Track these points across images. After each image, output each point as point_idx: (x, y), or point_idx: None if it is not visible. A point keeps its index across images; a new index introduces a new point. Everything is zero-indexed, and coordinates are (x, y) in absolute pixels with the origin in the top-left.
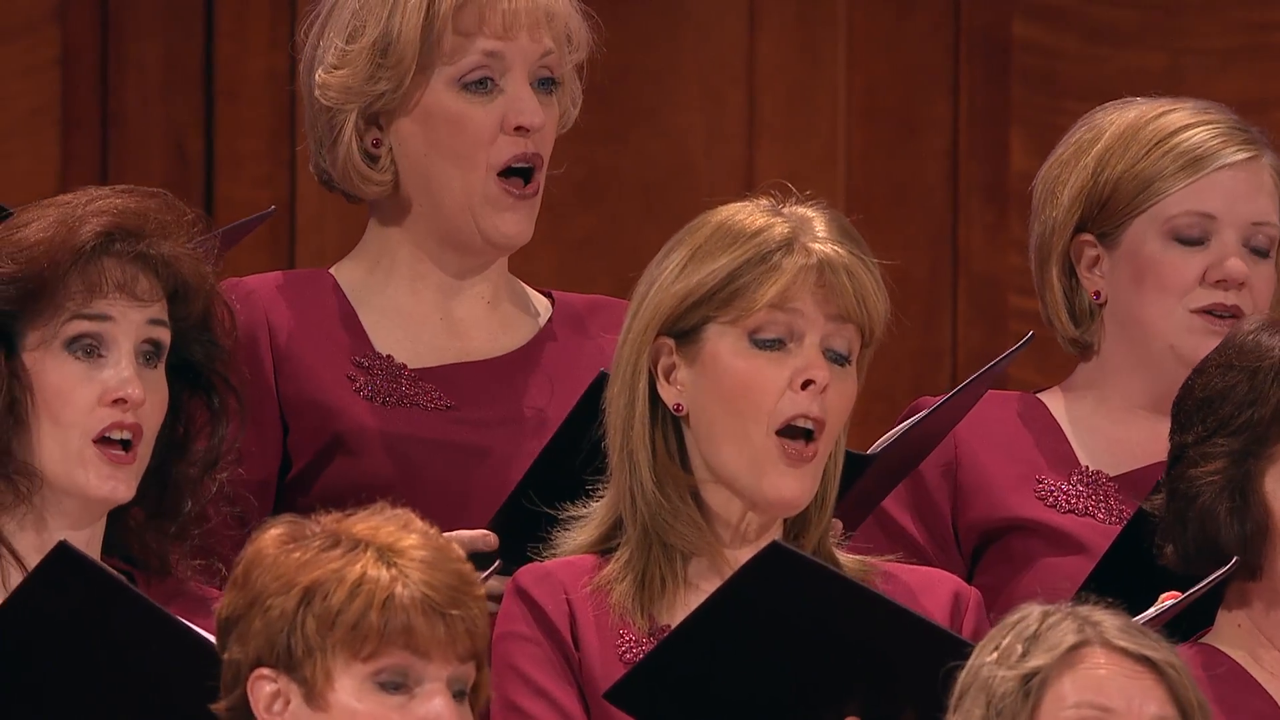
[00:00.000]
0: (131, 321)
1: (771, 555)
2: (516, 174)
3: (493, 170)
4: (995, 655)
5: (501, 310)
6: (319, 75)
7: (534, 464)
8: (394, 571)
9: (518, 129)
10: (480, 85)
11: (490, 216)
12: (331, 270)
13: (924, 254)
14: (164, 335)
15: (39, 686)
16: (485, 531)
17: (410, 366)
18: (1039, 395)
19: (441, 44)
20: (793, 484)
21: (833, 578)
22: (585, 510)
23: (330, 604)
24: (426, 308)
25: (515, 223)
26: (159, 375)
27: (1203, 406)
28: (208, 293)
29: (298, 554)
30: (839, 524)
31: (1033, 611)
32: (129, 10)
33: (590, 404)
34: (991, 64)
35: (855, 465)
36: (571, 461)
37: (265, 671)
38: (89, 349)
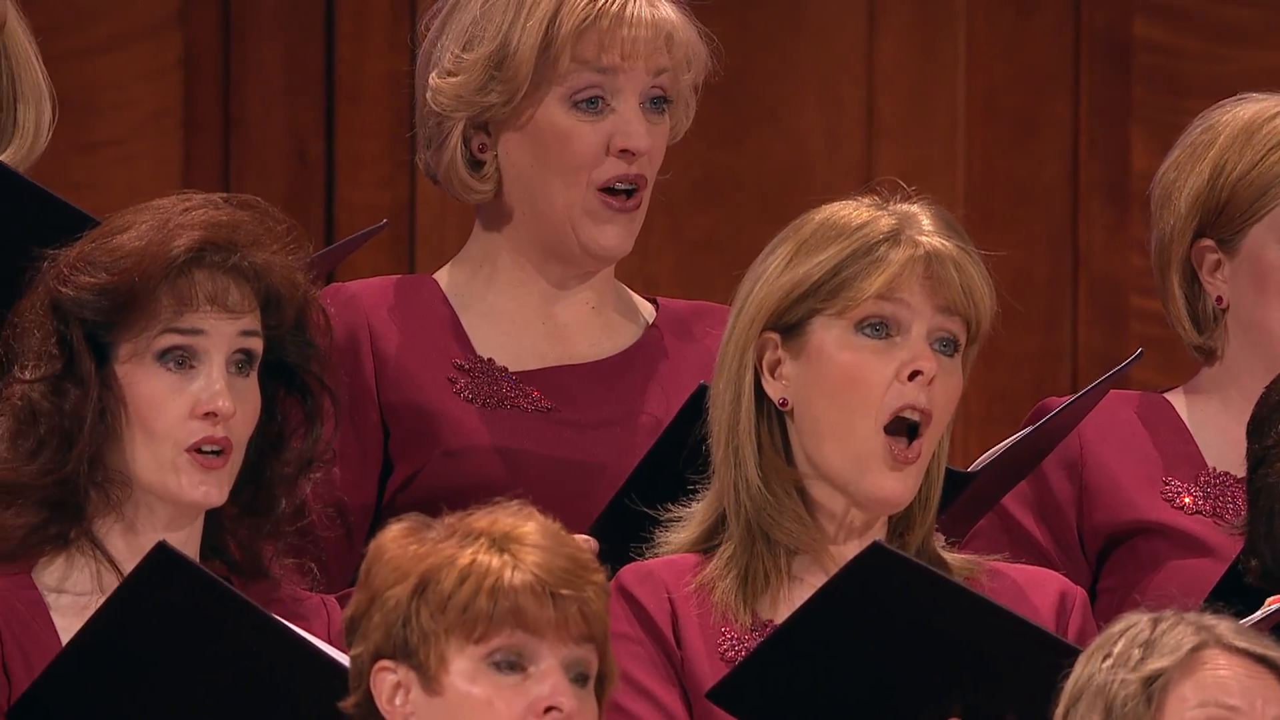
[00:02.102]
0: (223, 334)
1: (873, 556)
2: (619, 192)
3: (594, 186)
4: (1110, 661)
5: (605, 316)
6: (432, 79)
7: (633, 473)
8: (505, 557)
9: (624, 152)
10: (590, 104)
11: (590, 228)
12: (435, 275)
13: (1044, 255)
14: (256, 345)
15: (137, 686)
16: (587, 536)
17: (511, 369)
18: (1164, 395)
19: (558, 64)
20: (895, 483)
21: (934, 579)
22: (687, 510)
23: (441, 589)
24: (529, 312)
25: (615, 235)
26: (250, 384)
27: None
28: (300, 300)
29: (414, 547)
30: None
31: (1141, 618)
32: (250, 13)
33: (690, 415)
34: (1112, 63)
35: (955, 483)
36: (671, 473)
37: (386, 663)
38: (180, 360)
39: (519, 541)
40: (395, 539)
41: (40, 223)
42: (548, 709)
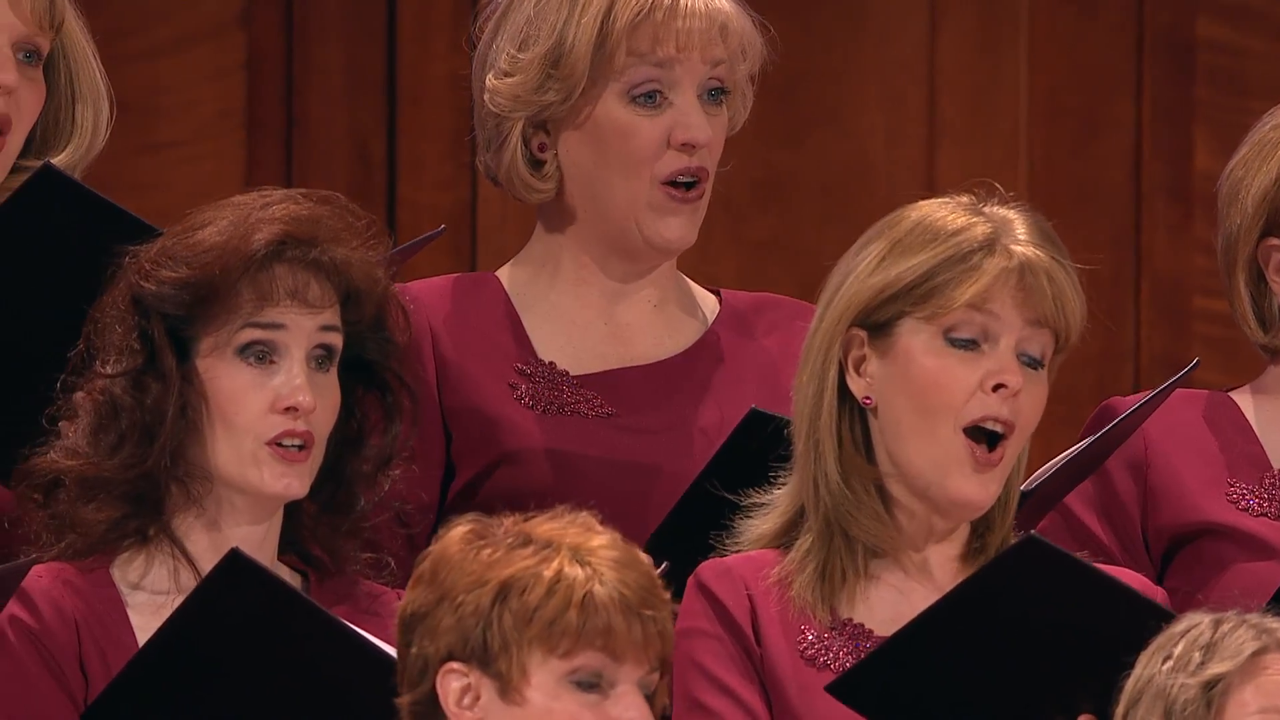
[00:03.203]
0: (303, 329)
1: (1027, 548)
2: (681, 185)
3: (656, 180)
4: (1170, 664)
5: (667, 313)
6: (489, 80)
7: (686, 495)
8: (589, 570)
9: (684, 145)
10: (649, 98)
11: (654, 222)
12: (498, 273)
13: (1106, 255)
14: (336, 340)
15: (211, 690)
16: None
17: (572, 373)
18: (1230, 395)
19: (614, 59)
20: (977, 487)
21: (1088, 572)
22: (768, 498)
23: (528, 600)
24: (591, 313)
25: (678, 227)
26: (330, 379)
27: None
28: (380, 295)
29: (488, 551)
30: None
31: (1203, 620)
32: (313, 15)
33: (741, 440)
34: (1175, 63)
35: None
36: (722, 489)
37: (456, 665)
38: (261, 355)
39: (595, 555)
40: (461, 541)
41: (102, 232)
42: None
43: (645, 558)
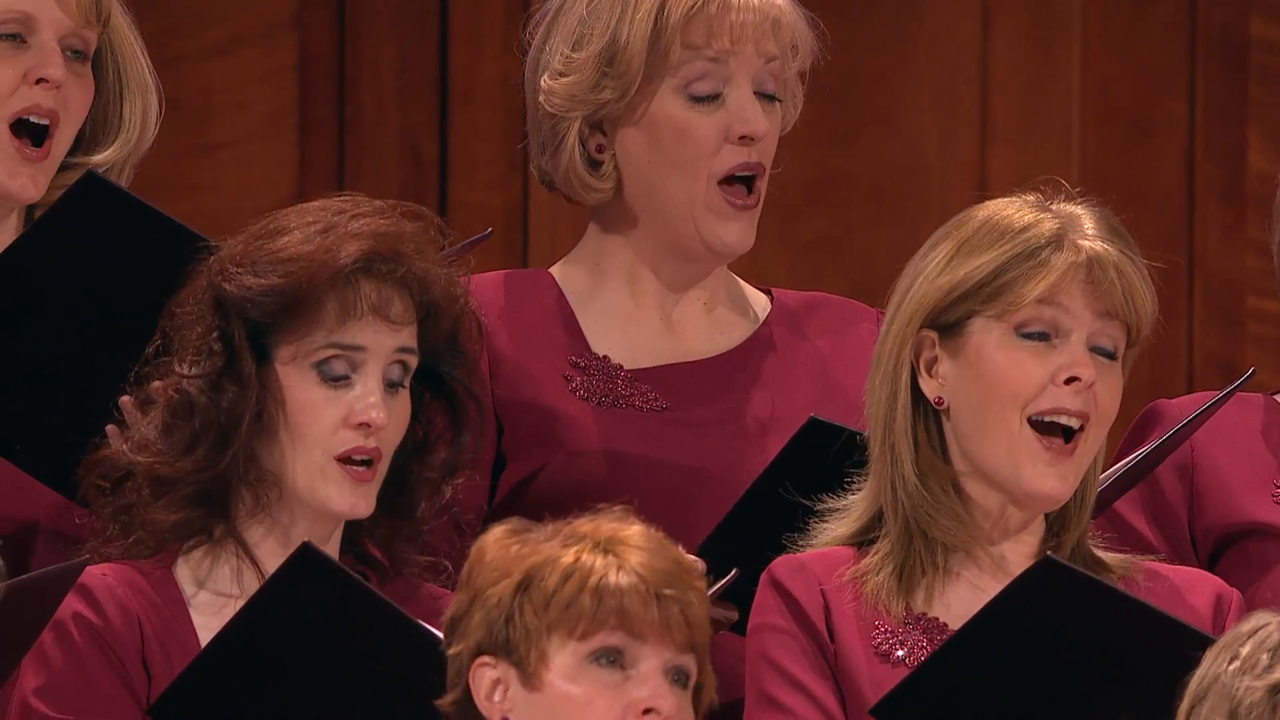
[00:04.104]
0: (383, 347)
1: (1044, 569)
2: (739, 182)
3: (715, 179)
4: (1237, 664)
5: (718, 312)
6: (544, 81)
7: (741, 501)
8: (610, 558)
9: (742, 139)
10: (710, 98)
11: (713, 225)
12: (552, 270)
13: (1159, 255)
14: (412, 360)
15: (278, 684)
16: (695, 558)
17: (626, 367)
18: (1276, 398)
19: (669, 54)
20: (1055, 480)
21: (1108, 592)
22: (844, 503)
23: (545, 587)
24: (645, 309)
25: (737, 231)
26: (403, 397)
27: None
28: (458, 311)
29: (517, 547)
30: None
31: (1271, 621)
32: (365, 16)
33: (799, 449)
34: (1229, 63)
35: None
36: (779, 500)
37: (486, 659)
38: (339, 371)
39: (623, 543)
40: (497, 541)
41: (147, 239)
42: (646, 710)
43: (678, 548)
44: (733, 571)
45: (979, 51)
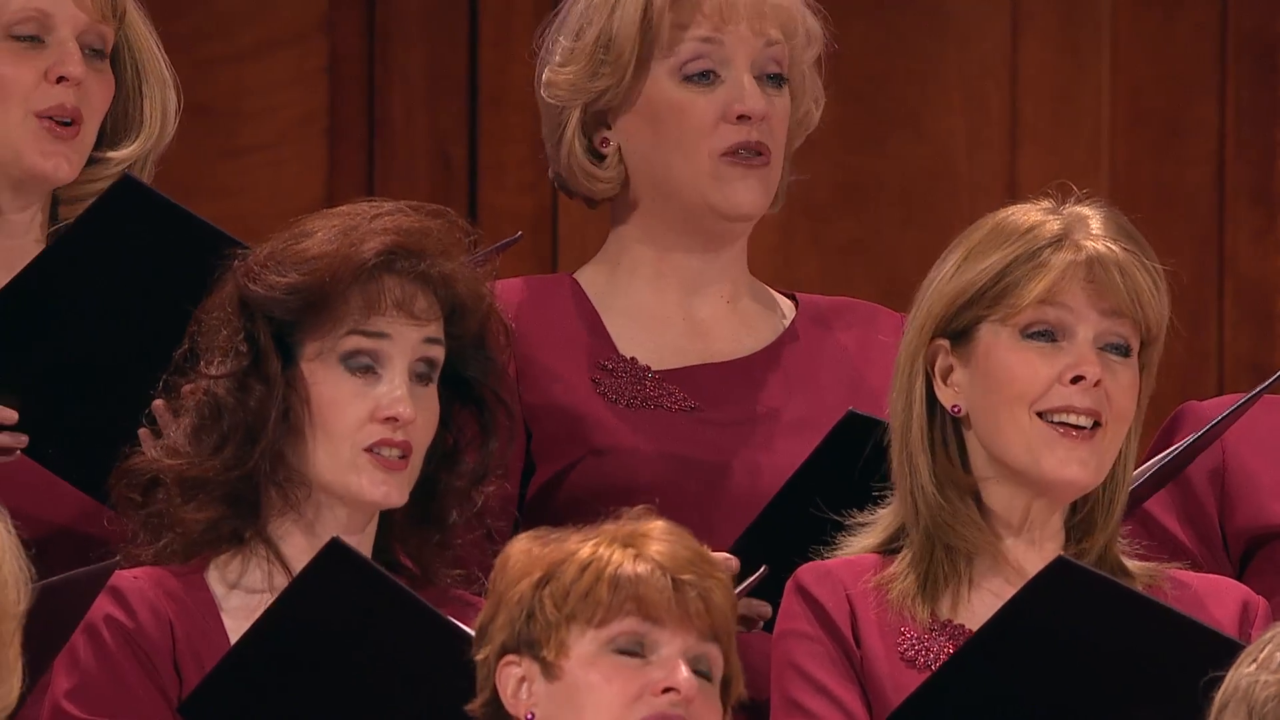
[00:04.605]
0: (408, 340)
1: (1057, 569)
2: (743, 156)
3: (714, 154)
4: (1255, 665)
5: (743, 309)
6: (546, 74)
7: (777, 496)
8: (628, 550)
9: (740, 117)
10: (703, 77)
11: (719, 190)
12: (575, 275)
13: (1189, 258)
14: (438, 354)
15: (308, 679)
16: (728, 555)
17: (654, 368)
18: None
19: (660, 37)
20: (1074, 465)
21: (1121, 592)
22: (872, 516)
23: (563, 580)
24: (669, 308)
25: (746, 191)
26: (430, 393)
27: None
28: (484, 311)
29: (539, 549)
30: None
31: None
32: (395, 19)
33: (836, 443)
34: (1259, 65)
35: None
36: (815, 496)
37: (510, 658)
38: (365, 365)
39: (644, 536)
40: (521, 548)
41: (182, 242)
42: (666, 689)
43: (697, 541)
44: (762, 568)
45: (1008, 54)
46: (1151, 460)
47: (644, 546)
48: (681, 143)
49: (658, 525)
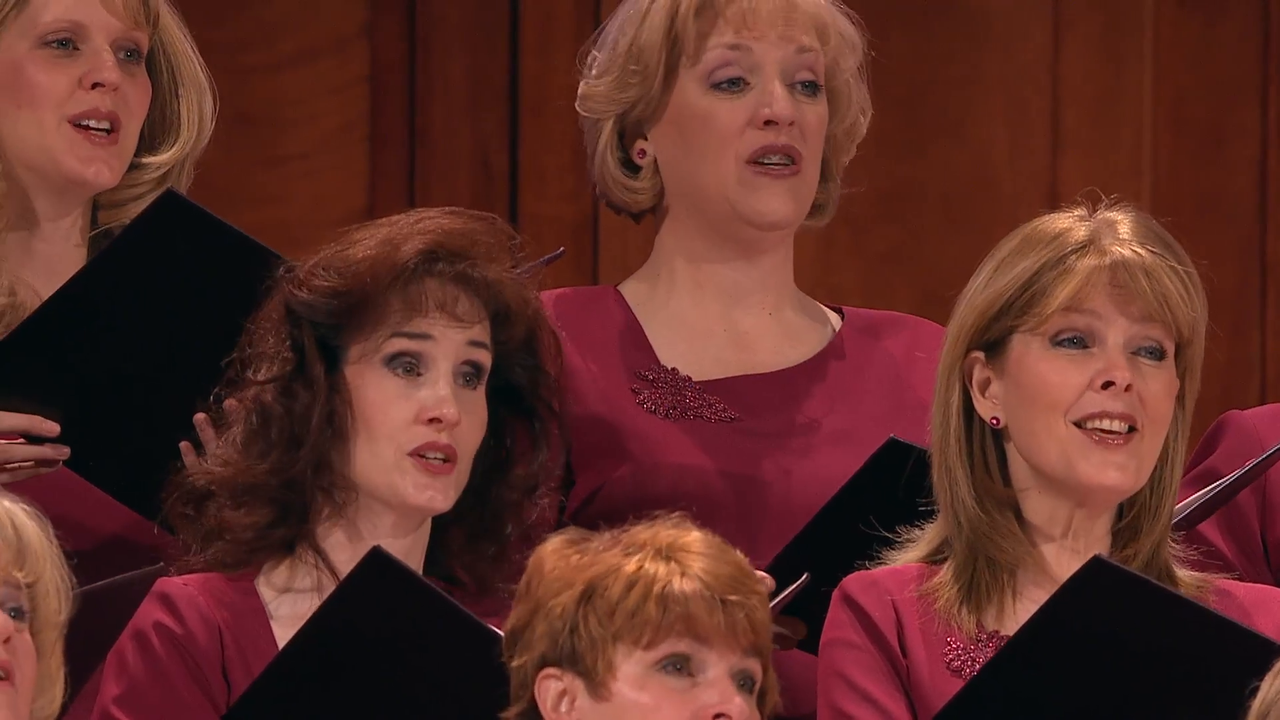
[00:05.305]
0: (452, 342)
1: (1093, 570)
2: (772, 164)
3: (741, 159)
4: None
5: (786, 320)
6: (581, 87)
7: (816, 518)
8: (672, 565)
9: (767, 123)
10: (731, 84)
11: (747, 198)
12: (618, 286)
13: (1232, 265)
14: (484, 357)
15: (351, 689)
16: (764, 575)
17: (695, 379)
18: None
19: (685, 46)
20: (1112, 470)
21: (1158, 592)
22: (919, 532)
23: (609, 596)
24: (710, 319)
25: (774, 198)
26: (478, 397)
27: None
28: (531, 317)
29: (576, 557)
30: None
31: None
32: (436, 27)
33: (877, 468)
34: None
35: None
36: (855, 518)
37: (551, 671)
38: (408, 367)
39: (684, 550)
40: (554, 551)
41: (225, 258)
42: (717, 715)
43: (738, 553)
44: (804, 576)
45: (1050, 61)
46: (1207, 488)
47: (687, 562)
48: (709, 150)
49: (696, 537)
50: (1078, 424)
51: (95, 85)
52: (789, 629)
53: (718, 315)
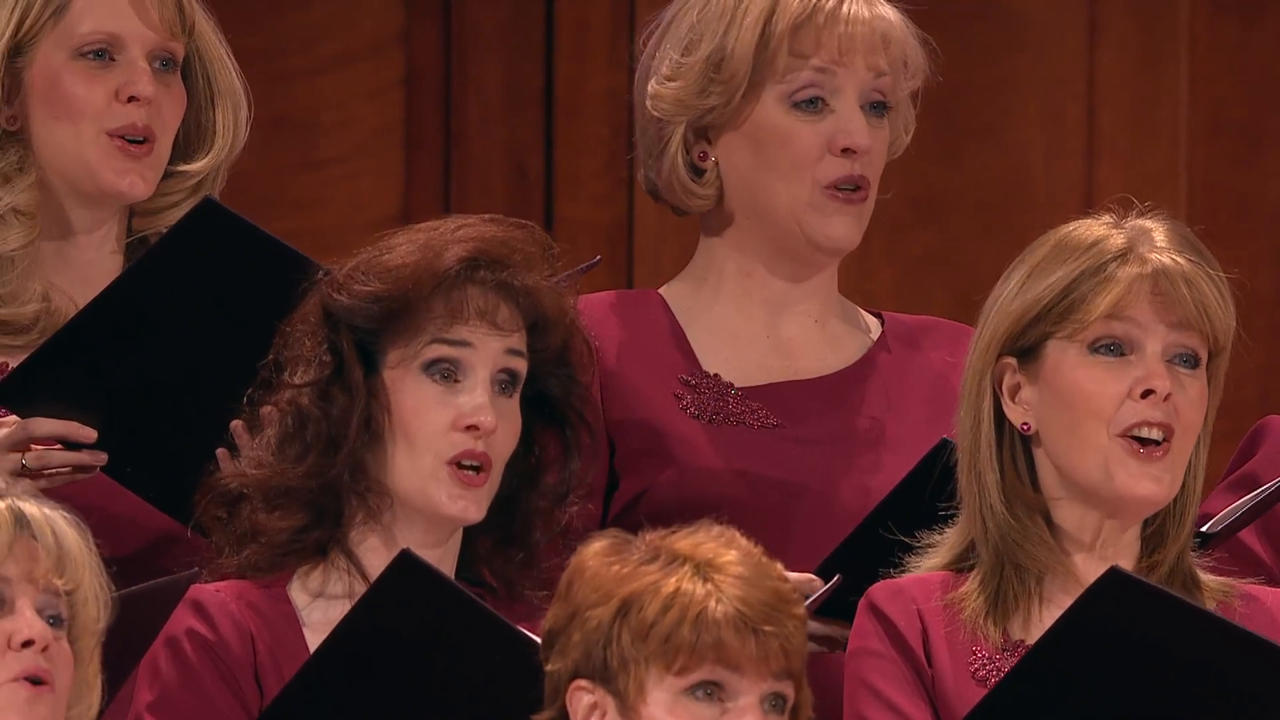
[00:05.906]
0: (490, 349)
1: (1110, 581)
2: (843, 190)
3: (818, 184)
4: None
5: (830, 328)
6: (652, 86)
7: (867, 519)
8: (709, 586)
9: (845, 151)
10: (810, 104)
11: (818, 222)
12: (660, 290)
13: (1268, 270)
14: (520, 366)
15: (382, 692)
16: (811, 576)
17: (737, 385)
18: None
19: (775, 62)
20: (1150, 483)
21: (1175, 603)
22: (940, 536)
23: (644, 616)
24: (755, 326)
25: (842, 225)
26: (513, 405)
27: None
28: (568, 326)
29: (617, 567)
30: None
31: None
32: (471, 32)
33: (928, 469)
34: None
35: (1200, 542)
36: (905, 520)
37: (583, 683)
38: (446, 373)
39: (721, 570)
40: (597, 555)
41: (263, 266)
42: None
43: (777, 571)
44: (835, 578)
45: (1086, 65)
46: (1247, 496)
47: (723, 586)
48: (783, 169)
49: (733, 557)
50: (1119, 435)
51: (131, 99)
52: (835, 632)
53: (762, 322)
